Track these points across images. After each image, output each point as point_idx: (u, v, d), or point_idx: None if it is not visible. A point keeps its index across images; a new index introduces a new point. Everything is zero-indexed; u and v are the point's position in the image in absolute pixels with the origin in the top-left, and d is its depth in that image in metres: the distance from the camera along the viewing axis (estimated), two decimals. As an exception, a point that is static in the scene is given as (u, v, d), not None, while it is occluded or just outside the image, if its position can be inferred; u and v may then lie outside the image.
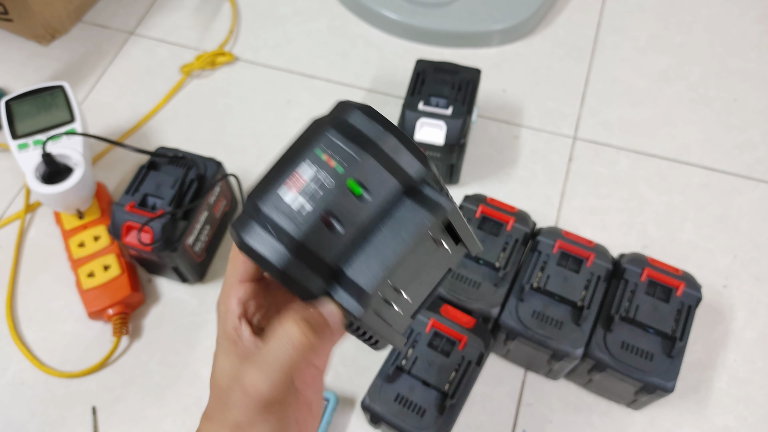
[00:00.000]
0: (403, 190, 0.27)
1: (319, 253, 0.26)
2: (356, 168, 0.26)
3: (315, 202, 0.26)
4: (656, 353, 0.49)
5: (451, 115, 0.61)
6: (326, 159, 0.26)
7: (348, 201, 0.26)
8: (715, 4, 0.83)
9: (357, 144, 0.27)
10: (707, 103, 0.74)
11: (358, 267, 0.27)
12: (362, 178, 0.26)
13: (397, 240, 0.27)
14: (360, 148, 0.27)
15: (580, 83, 0.77)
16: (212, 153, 0.66)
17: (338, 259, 0.27)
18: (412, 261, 0.28)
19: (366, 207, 0.27)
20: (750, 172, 0.69)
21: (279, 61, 0.81)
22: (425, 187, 0.27)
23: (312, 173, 0.26)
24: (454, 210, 0.28)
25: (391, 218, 0.27)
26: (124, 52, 0.83)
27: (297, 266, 0.26)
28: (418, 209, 0.27)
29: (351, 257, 0.27)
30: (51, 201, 0.60)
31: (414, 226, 0.27)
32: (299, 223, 0.26)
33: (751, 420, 0.55)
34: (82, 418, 0.57)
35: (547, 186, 0.69)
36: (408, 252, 0.27)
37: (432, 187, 0.28)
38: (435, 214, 0.27)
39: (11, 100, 0.63)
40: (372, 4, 0.82)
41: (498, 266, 0.53)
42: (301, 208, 0.26)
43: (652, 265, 0.52)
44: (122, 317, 0.60)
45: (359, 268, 0.27)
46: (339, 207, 0.26)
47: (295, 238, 0.26)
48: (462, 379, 0.49)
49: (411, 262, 0.28)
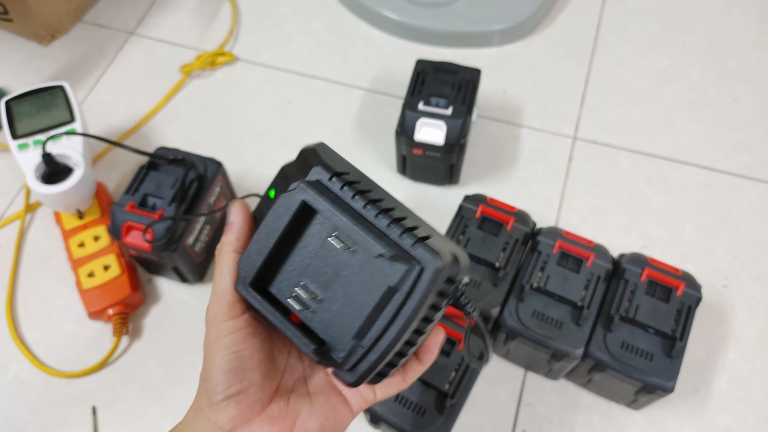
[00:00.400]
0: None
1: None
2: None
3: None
4: (656, 353, 0.49)
5: (451, 115, 0.61)
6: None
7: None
8: (715, 5, 0.83)
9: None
10: (707, 103, 0.74)
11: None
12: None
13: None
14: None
15: (580, 83, 0.77)
16: (212, 153, 0.66)
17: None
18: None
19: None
20: (750, 172, 0.69)
21: (279, 61, 0.81)
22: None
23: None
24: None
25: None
26: (124, 52, 0.83)
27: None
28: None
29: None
30: (51, 201, 0.60)
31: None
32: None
33: (751, 420, 0.55)
34: (82, 417, 0.57)
35: (547, 186, 0.69)
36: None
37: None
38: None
39: (11, 100, 0.63)
40: (372, 4, 0.82)
41: (498, 266, 0.53)
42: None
43: (652, 265, 0.52)
44: (122, 317, 0.60)
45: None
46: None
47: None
48: (462, 379, 0.49)
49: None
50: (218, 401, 0.29)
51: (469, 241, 0.54)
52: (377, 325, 0.28)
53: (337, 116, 0.75)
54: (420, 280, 0.27)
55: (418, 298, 0.27)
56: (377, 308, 0.28)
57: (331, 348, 0.29)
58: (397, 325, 0.27)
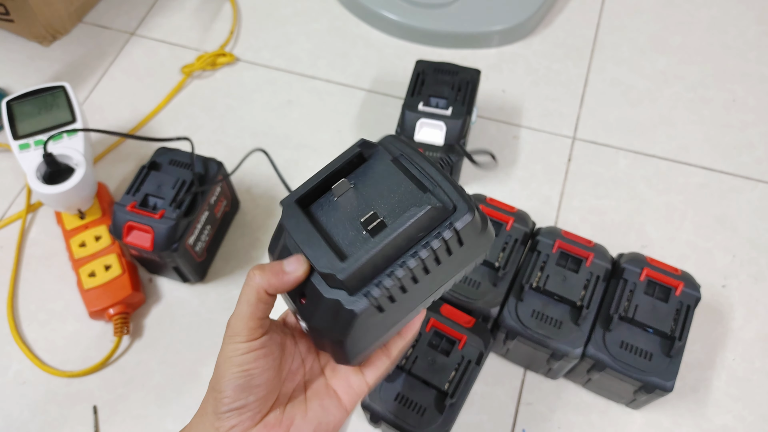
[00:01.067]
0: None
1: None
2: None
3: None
4: (655, 353, 0.49)
5: (451, 116, 0.61)
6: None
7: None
8: (714, 5, 0.83)
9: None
10: (706, 104, 0.75)
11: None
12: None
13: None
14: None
15: (579, 84, 0.77)
16: (213, 153, 0.66)
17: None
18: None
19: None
20: (749, 172, 0.69)
21: (279, 62, 0.81)
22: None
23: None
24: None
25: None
26: (125, 52, 0.84)
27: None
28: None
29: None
30: (52, 201, 0.60)
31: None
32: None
33: (750, 419, 0.55)
34: (83, 417, 0.57)
35: (547, 186, 0.69)
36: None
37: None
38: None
39: (12, 101, 0.63)
40: (372, 5, 0.82)
41: (497, 266, 0.53)
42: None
43: (651, 265, 0.53)
44: (123, 317, 0.60)
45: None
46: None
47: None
48: (462, 379, 0.49)
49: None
50: (223, 411, 0.32)
51: (468, 240, 0.55)
52: (383, 234, 0.30)
53: (337, 117, 0.75)
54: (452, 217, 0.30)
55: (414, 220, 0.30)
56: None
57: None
58: (397, 234, 0.30)
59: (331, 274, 0.29)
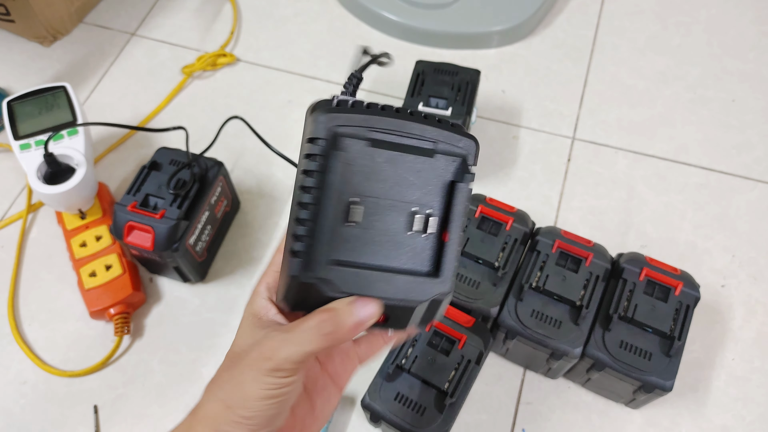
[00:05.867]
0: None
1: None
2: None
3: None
4: (654, 352, 0.50)
5: (451, 116, 0.61)
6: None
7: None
8: (714, 5, 0.83)
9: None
10: (705, 104, 0.75)
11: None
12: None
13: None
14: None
15: (578, 84, 0.77)
16: (212, 153, 0.66)
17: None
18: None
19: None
20: (748, 172, 0.69)
21: (280, 62, 0.81)
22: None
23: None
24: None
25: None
26: (125, 53, 0.84)
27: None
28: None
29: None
30: (53, 201, 0.60)
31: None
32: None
33: (750, 419, 0.55)
34: (83, 417, 0.58)
35: (546, 186, 0.69)
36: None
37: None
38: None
39: (13, 101, 0.64)
40: (372, 5, 0.82)
41: (497, 266, 0.53)
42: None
43: (650, 265, 0.53)
44: (124, 317, 0.60)
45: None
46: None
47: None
48: (461, 378, 0.49)
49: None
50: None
51: (468, 240, 0.55)
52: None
53: (338, 117, 0.75)
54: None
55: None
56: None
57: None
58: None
59: (438, 294, 0.30)
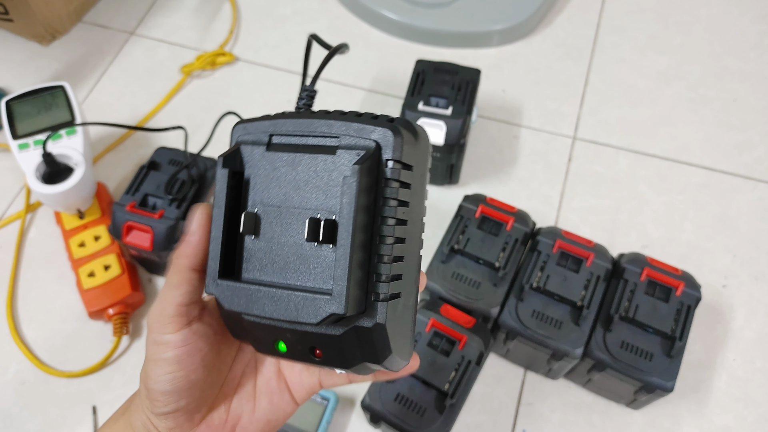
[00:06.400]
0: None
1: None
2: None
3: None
4: (656, 353, 0.49)
5: (451, 115, 0.61)
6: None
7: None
8: (714, 5, 0.83)
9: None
10: (706, 103, 0.75)
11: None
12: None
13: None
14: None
15: (579, 83, 0.77)
16: (212, 153, 0.66)
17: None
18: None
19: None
20: (749, 172, 0.69)
21: (279, 62, 0.81)
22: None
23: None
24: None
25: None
26: (124, 52, 0.83)
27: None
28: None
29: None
30: (51, 201, 0.60)
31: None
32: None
33: (751, 419, 0.55)
34: (82, 417, 0.57)
35: (547, 186, 0.69)
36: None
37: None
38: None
39: (12, 100, 0.63)
40: (372, 4, 0.82)
41: (498, 266, 0.53)
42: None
43: (651, 265, 0.52)
44: (123, 317, 0.60)
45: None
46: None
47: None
48: (462, 379, 0.49)
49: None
50: (157, 413, 0.29)
51: (468, 240, 0.55)
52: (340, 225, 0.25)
53: (337, 116, 0.75)
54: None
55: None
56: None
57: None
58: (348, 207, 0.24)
59: (330, 315, 0.25)
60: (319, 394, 0.55)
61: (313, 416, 0.54)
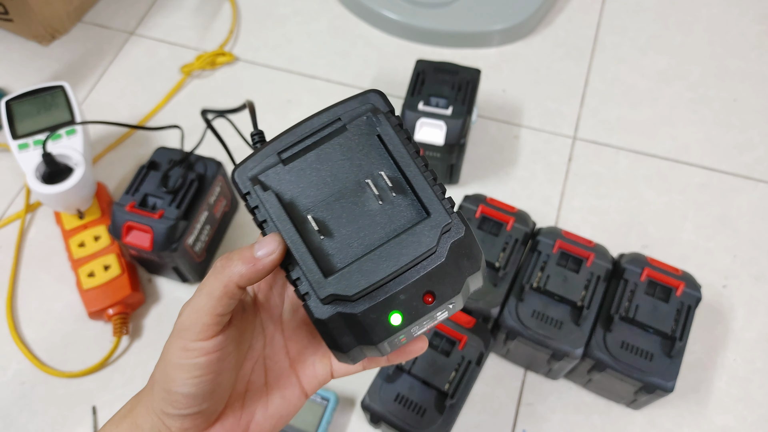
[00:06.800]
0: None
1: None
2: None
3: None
4: (656, 353, 0.49)
5: (451, 115, 0.61)
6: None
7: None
8: (715, 5, 0.83)
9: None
10: (707, 103, 0.74)
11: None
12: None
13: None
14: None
15: (579, 83, 0.77)
16: (212, 153, 0.66)
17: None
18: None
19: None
20: (749, 172, 0.69)
21: (279, 61, 0.81)
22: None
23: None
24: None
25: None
26: (124, 52, 0.83)
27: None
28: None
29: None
30: (51, 201, 0.60)
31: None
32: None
33: (751, 420, 0.55)
34: (82, 417, 0.57)
35: (547, 186, 0.69)
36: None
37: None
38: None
39: (11, 100, 0.63)
40: (372, 4, 0.82)
41: (498, 266, 0.53)
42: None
43: (651, 265, 0.52)
44: (122, 317, 0.60)
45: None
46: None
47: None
48: (462, 379, 0.49)
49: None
50: (174, 415, 0.29)
51: (469, 241, 0.54)
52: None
53: (337, 116, 0.75)
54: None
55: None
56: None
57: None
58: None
59: (444, 225, 0.27)
60: (319, 394, 0.55)
61: (313, 416, 0.54)
